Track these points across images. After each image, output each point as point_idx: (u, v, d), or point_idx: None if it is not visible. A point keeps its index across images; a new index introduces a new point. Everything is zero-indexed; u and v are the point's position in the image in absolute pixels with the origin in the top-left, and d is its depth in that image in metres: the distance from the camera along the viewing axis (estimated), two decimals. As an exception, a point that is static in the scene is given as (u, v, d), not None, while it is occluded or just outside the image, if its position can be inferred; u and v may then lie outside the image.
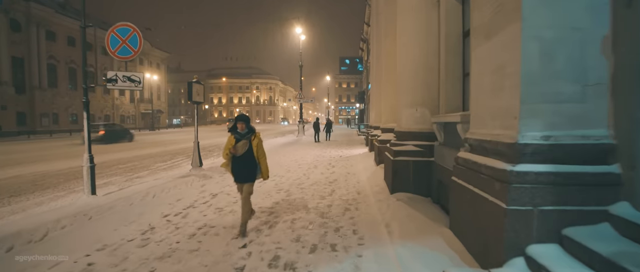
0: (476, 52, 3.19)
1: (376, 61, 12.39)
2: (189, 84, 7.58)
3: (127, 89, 5.46)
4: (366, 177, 7.33)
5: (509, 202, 2.31)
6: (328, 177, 7.50)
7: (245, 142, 3.90)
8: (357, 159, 10.93)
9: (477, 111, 3.21)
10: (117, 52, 5.20)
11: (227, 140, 3.96)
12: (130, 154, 13.56)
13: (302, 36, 24.92)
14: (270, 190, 6.19)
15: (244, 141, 3.89)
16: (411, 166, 5.32)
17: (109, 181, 7.83)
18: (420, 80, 5.50)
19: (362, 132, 27.29)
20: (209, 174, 7.65)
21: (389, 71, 8.66)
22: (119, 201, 5.20)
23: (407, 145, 5.49)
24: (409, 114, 5.63)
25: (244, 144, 3.89)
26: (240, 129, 3.92)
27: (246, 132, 3.92)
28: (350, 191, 6.08)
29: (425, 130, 5.49)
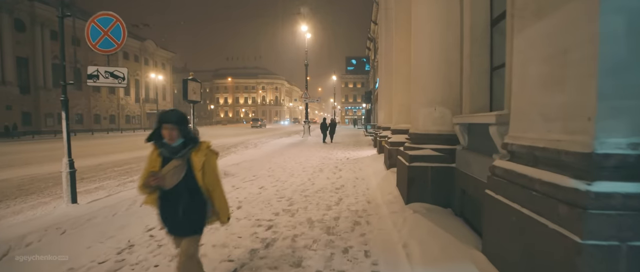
0: (520, 38, 2.56)
1: (385, 58, 11.76)
2: (184, 82, 7.02)
3: (110, 86, 4.87)
4: (376, 183, 6.70)
5: (585, 235, 1.69)
6: (335, 183, 6.89)
7: (178, 165, 2.17)
8: (365, 161, 10.29)
9: (521, 110, 2.58)
10: (98, 44, 4.65)
11: (148, 159, 2.25)
12: (129, 156, 13.09)
13: (308, 34, 24.34)
14: (271, 198, 5.60)
15: (176, 161, 2.17)
16: (429, 173, 4.69)
17: (101, 186, 7.31)
18: (440, 77, 4.87)
19: (369, 132, 26.64)
20: (206, 179, 7.08)
21: (400, 68, 8.03)
22: (101, 211, 4.65)
23: (424, 149, 4.86)
24: (426, 114, 5.00)
25: (177, 167, 2.17)
26: (169, 138, 2.15)
27: (180, 145, 2.17)
28: (359, 199, 5.46)
29: (444, 132, 4.86)
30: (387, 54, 11.26)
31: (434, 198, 4.69)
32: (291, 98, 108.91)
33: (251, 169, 8.97)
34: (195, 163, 2.20)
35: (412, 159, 4.75)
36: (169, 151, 2.16)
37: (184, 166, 2.19)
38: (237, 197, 5.64)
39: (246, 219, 4.42)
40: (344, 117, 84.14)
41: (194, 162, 2.20)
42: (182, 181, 2.19)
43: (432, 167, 4.69)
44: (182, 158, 2.18)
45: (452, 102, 4.82)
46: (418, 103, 5.18)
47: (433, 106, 4.92)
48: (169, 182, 2.17)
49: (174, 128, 2.13)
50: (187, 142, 2.19)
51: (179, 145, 2.17)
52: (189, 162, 2.21)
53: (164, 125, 2.14)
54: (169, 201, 2.25)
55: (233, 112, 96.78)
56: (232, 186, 6.58)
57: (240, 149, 16.23)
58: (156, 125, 2.19)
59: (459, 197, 4.36)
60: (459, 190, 4.37)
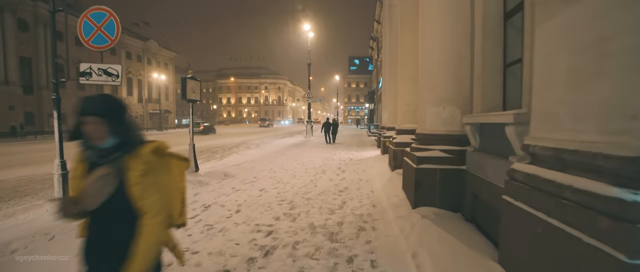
0: (544, 28, 2.32)
1: (389, 57, 11.50)
2: (183, 80, 6.82)
3: (103, 84, 4.65)
4: (381, 185, 6.46)
5: (633, 254, 1.44)
6: (338, 185, 6.65)
7: (106, 174, 1.42)
8: (369, 162, 10.05)
9: (544, 109, 2.33)
10: (91, 40, 4.46)
11: (72, 171, 1.59)
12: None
13: (311, 33, 24.10)
14: (272, 201, 5.37)
15: (104, 169, 1.43)
16: (438, 176, 4.44)
17: (97, 187, 7.10)
18: (449, 74, 4.62)
19: (372, 132, 26.38)
20: (205, 180, 6.87)
21: (406, 67, 7.78)
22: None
23: (432, 150, 4.61)
24: (434, 114, 4.76)
25: (103, 178, 1.42)
26: (94, 137, 1.42)
27: (113, 147, 1.45)
28: (364, 202, 5.22)
29: (454, 132, 4.61)
30: (392, 52, 11.01)
31: (443, 202, 4.45)
32: (294, 98, 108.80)
33: (252, 170, 8.76)
34: (130, 174, 1.42)
35: (420, 160, 4.51)
36: (97, 155, 1.44)
37: (114, 177, 1.42)
38: (237, 200, 5.41)
39: (245, 224, 4.19)
40: (346, 117, 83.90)
41: (129, 173, 1.42)
42: (111, 199, 1.42)
43: (441, 170, 4.44)
44: (112, 165, 1.42)
45: (462, 101, 4.57)
46: (426, 102, 4.94)
47: (442, 105, 4.68)
48: (90, 200, 1.42)
49: (99, 122, 1.39)
50: (121, 143, 1.44)
51: (110, 146, 1.44)
52: (119, 171, 1.42)
53: (83, 118, 1.40)
54: (93, 230, 1.48)
55: (236, 112, 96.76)
56: (231, 188, 6.36)
57: (242, 149, 16.04)
58: (76, 119, 1.42)
59: (470, 202, 4.11)
60: (470, 194, 4.12)
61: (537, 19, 2.39)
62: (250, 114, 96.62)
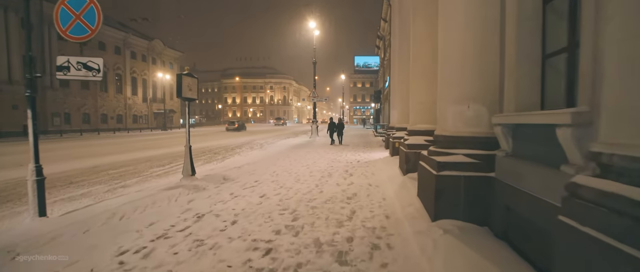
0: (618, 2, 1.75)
1: (399, 52, 10.91)
2: (179, 77, 6.30)
3: (82, 79, 4.15)
4: (393, 192, 5.89)
5: None
6: (345, 191, 6.09)
7: None
8: (377, 165, 9.47)
9: (626, 107, 1.77)
10: (68, 30, 3.95)
11: None
12: (128, 157, 12.46)
13: (316, 31, 23.56)
14: (273, 210, 4.83)
15: None
16: (462, 184, 3.87)
17: (88, 192, 6.63)
18: (474, 67, 4.04)
19: (379, 133, 25.78)
20: (201, 185, 6.36)
21: (419, 61, 7.20)
22: (72, 227, 3.94)
23: (455, 154, 4.04)
24: (457, 113, 4.18)
25: None
26: None
27: None
28: (375, 212, 4.66)
29: (480, 134, 4.03)
30: (402, 46, 10.42)
31: (467, 214, 3.87)
32: (299, 98, 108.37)
33: (254, 172, 8.23)
34: None
35: (441, 166, 3.93)
36: None
37: None
38: (234, 209, 4.88)
39: (240, 239, 3.66)
40: (352, 117, 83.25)
41: None
42: None
43: (465, 177, 3.87)
44: None
45: (489, 98, 3.99)
46: (446, 100, 4.36)
47: (465, 103, 4.10)
48: None
49: None
50: None
51: None
52: None
53: None
54: None
55: (241, 111, 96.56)
56: (230, 194, 5.83)
57: (245, 150, 15.54)
58: None
59: (502, 216, 3.52)
60: (502, 206, 3.54)
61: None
62: (256, 113, 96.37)
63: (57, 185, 7.24)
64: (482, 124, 4.02)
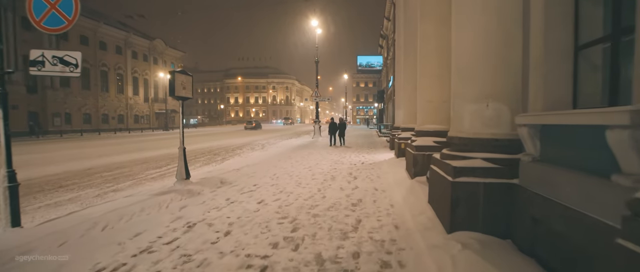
0: None
1: (405, 50, 10.49)
2: (172, 74, 5.91)
3: (59, 75, 3.76)
4: (401, 197, 5.47)
5: None
6: (350, 196, 5.69)
7: None
8: (383, 167, 9.05)
9: None
10: (43, 21, 3.56)
11: None
12: (126, 158, 12.11)
13: (319, 30, 23.14)
14: (271, 218, 4.43)
15: None
16: (481, 192, 3.45)
17: (77, 196, 6.27)
18: (494, 61, 3.63)
19: (383, 133, 25.35)
20: (196, 190, 5.97)
21: (427, 58, 6.78)
22: (46, 239, 3.55)
23: (473, 159, 3.62)
24: (474, 113, 3.76)
25: None
26: None
27: None
28: (383, 222, 4.24)
29: (500, 136, 3.61)
30: (408, 45, 10.00)
31: (488, 226, 3.46)
32: (302, 98, 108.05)
33: (253, 175, 7.84)
34: None
35: (458, 172, 3.51)
36: None
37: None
38: (229, 217, 4.48)
39: (233, 254, 3.26)
40: (355, 117, 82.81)
41: None
42: None
43: (485, 184, 3.45)
44: None
45: (511, 96, 3.57)
46: (462, 98, 3.94)
47: (484, 101, 3.68)
48: None
49: None
50: None
51: None
52: None
53: None
54: None
55: (243, 111, 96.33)
56: (226, 200, 5.44)
57: (246, 150, 15.17)
58: None
59: (528, 228, 3.10)
60: (528, 218, 3.11)
61: None
62: (258, 113, 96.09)
63: (46, 189, 6.89)
64: (503, 125, 3.60)
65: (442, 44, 6.51)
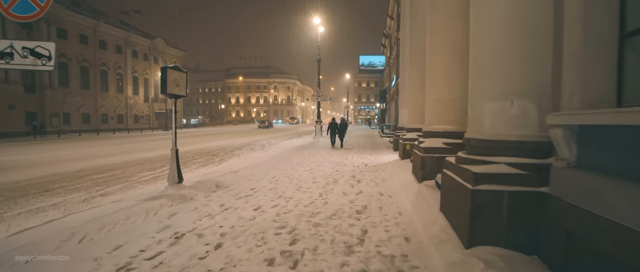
0: None
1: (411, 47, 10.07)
2: (163, 70, 5.51)
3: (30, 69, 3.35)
4: (410, 203, 5.06)
5: None
6: (354, 202, 5.27)
7: None
8: (387, 169, 8.63)
9: None
10: (11, 8, 3.16)
11: None
12: (120, 159, 11.72)
13: (321, 28, 22.72)
14: (268, 228, 4.02)
15: None
16: (505, 201, 3.03)
17: (62, 201, 5.88)
18: (520, 53, 3.21)
19: (386, 133, 24.93)
20: (189, 194, 5.57)
21: (438, 54, 6.37)
22: (14, 253, 3.16)
23: (495, 163, 3.20)
24: (495, 112, 3.34)
25: None
26: None
27: None
28: (392, 233, 3.82)
29: (527, 138, 3.19)
30: (415, 40, 9.58)
31: (511, 240, 3.04)
32: (303, 98, 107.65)
33: (251, 178, 7.43)
34: None
35: (479, 179, 3.09)
36: None
37: None
38: (221, 227, 4.08)
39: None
40: (356, 117, 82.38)
41: None
42: None
43: (509, 193, 3.03)
44: None
45: (539, 92, 3.15)
46: (481, 95, 3.52)
47: (508, 98, 3.26)
48: None
49: None
50: None
51: None
52: None
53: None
54: None
55: (244, 111, 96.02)
56: (220, 206, 5.03)
57: (245, 151, 14.77)
58: None
59: (561, 243, 2.68)
60: (560, 231, 2.69)
61: None
62: (259, 113, 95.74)
63: (31, 193, 6.49)
64: (530, 125, 3.18)
65: (453, 38, 6.10)
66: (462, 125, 6.21)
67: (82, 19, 35.10)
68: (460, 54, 6.14)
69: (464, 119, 6.26)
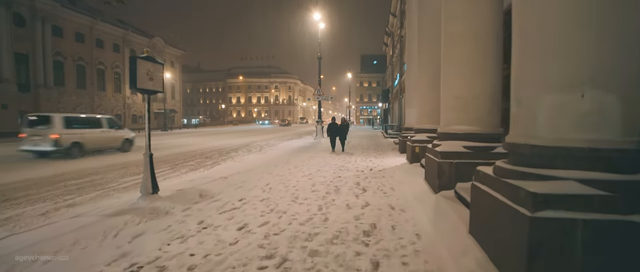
0: None
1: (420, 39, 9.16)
2: (133, 60, 4.64)
3: None
4: (429, 221, 4.16)
5: None
6: (360, 218, 4.39)
7: None
8: (395, 175, 7.73)
9: None
10: None
11: None
12: (104, 163, 10.84)
13: (322, 24, 21.83)
14: (251, 256, 3.14)
15: None
16: (580, 233, 2.13)
17: (20, 214, 5.03)
18: (598, 23, 2.30)
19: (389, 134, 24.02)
20: (164, 207, 4.70)
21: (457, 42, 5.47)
22: None
23: (561, 180, 2.31)
24: (558, 107, 2.44)
25: None
26: None
27: None
28: (413, 267, 2.93)
29: (605, 144, 2.29)
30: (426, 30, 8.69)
31: (587, 286, 2.14)
32: (304, 98, 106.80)
33: (242, 185, 6.57)
34: None
35: (542, 202, 2.19)
36: None
37: None
38: (193, 255, 3.20)
39: None
40: (358, 117, 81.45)
41: None
42: None
43: (585, 222, 2.13)
44: None
45: (625, 80, 2.25)
46: (534, 84, 2.62)
47: (576, 89, 2.36)
48: None
49: None
50: None
51: None
52: None
53: None
54: None
55: (245, 111, 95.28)
56: (198, 224, 4.15)
57: (242, 153, 13.90)
58: None
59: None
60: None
61: None
62: (260, 113, 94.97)
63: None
64: (610, 126, 2.29)
65: (475, 24, 5.23)
66: (485, 125, 5.32)
67: (78, 16, 34.31)
68: (483, 43, 5.25)
69: (488, 118, 5.37)
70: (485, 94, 5.27)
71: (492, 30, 5.25)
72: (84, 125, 12.71)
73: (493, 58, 5.26)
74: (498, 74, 5.34)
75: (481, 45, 5.19)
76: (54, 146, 11.26)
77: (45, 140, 11.24)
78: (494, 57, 5.26)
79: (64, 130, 11.60)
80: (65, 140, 11.51)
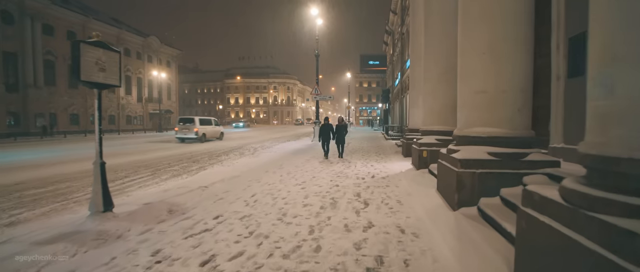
0: None
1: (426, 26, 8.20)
2: (75, 45, 3.67)
3: None
4: (451, 252, 3.19)
5: None
6: (361, 246, 3.43)
7: None
8: (401, 184, 6.75)
9: None
10: None
11: None
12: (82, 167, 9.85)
13: (319, 20, 20.86)
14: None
15: None
16: None
17: None
18: None
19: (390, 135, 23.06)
20: (115, 231, 3.73)
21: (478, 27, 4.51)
22: None
23: None
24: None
25: None
26: None
27: None
28: None
29: None
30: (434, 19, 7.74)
31: None
32: (303, 98, 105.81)
33: (223, 197, 5.61)
34: None
35: None
36: None
37: None
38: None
39: None
40: (358, 118, 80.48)
41: None
42: None
43: None
44: None
45: None
46: (624, 73, 1.66)
47: None
48: None
49: None
50: None
51: None
52: None
53: None
54: None
55: (244, 112, 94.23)
56: (150, 255, 3.19)
57: (233, 156, 12.91)
58: None
59: None
60: None
61: None
62: (259, 114, 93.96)
63: None
64: None
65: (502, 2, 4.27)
66: (515, 127, 4.36)
67: (69, 15, 33.35)
68: (512, 25, 4.30)
69: (517, 118, 4.39)
70: (515, 88, 4.31)
71: (523, 9, 4.29)
72: (206, 123, 20.59)
73: (524, 43, 4.30)
74: (529, 63, 4.39)
75: (510, 27, 4.24)
76: (195, 135, 19.15)
77: (190, 132, 19.15)
78: (524, 42, 4.31)
79: (199, 126, 19.52)
80: (200, 132, 19.43)
